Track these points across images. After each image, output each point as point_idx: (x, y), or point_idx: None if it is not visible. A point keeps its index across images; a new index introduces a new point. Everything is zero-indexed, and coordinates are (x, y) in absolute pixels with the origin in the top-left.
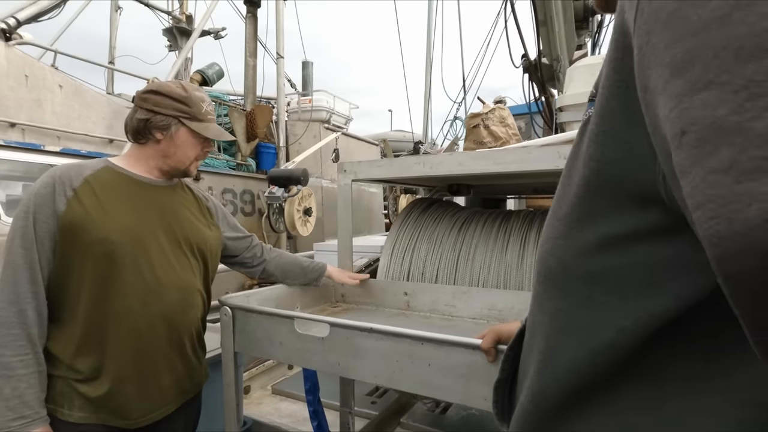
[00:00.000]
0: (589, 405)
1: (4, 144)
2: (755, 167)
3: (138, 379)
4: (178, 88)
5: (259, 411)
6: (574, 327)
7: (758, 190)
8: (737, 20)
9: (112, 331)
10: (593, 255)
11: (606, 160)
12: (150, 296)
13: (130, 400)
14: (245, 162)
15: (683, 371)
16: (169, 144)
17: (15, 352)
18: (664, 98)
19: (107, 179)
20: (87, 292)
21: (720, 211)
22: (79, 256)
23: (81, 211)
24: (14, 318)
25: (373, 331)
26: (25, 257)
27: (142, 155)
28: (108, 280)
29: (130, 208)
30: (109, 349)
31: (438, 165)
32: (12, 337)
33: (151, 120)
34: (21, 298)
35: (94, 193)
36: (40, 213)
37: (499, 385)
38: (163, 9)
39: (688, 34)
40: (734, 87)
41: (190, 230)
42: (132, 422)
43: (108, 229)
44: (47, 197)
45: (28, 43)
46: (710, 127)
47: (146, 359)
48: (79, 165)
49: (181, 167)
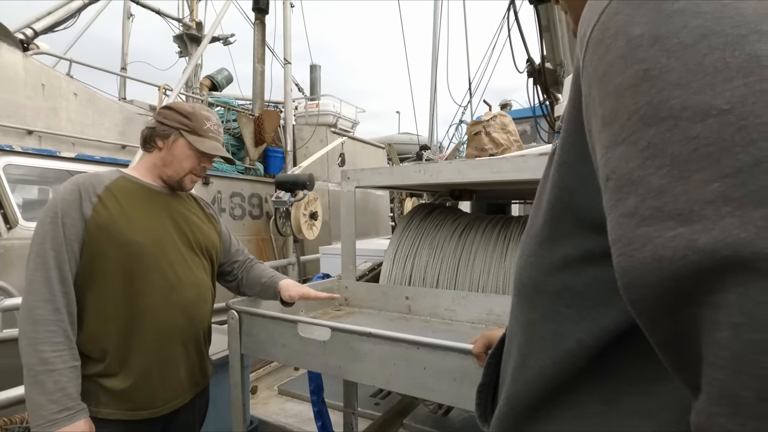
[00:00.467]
0: (556, 407)
1: (22, 151)
2: (650, 215)
3: (160, 370)
4: (188, 106)
5: (265, 411)
6: (541, 337)
7: (651, 234)
8: (643, 90)
9: (137, 326)
10: (557, 273)
11: (565, 188)
12: (171, 292)
13: (154, 390)
14: (253, 166)
15: (636, 375)
16: (167, 153)
17: (53, 348)
18: (598, 146)
19: (125, 187)
20: (113, 290)
21: (624, 249)
22: (106, 256)
23: (107, 215)
24: (50, 315)
25: (372, 335)
26: (55, 258)
27: (149, 164)
28: (133, 278)
29: (148, 213)
30: (135, 343)
31: (438, 173)
32: (49, 333)
33: (155, 129)
34: (55, 296)
35: (116, 199)
36: (68, 217)
37: (482, 389)
38: (174, 16)
39: (612, 95)
40: (640, 146)
41: (199, 233)
42: (155, 411)
43: (132, 231)
44: (74, 203)
45: (45, 53)
46: (624, 177)
47: (167, 351)
48: (97, 175)
49: (175, 177)
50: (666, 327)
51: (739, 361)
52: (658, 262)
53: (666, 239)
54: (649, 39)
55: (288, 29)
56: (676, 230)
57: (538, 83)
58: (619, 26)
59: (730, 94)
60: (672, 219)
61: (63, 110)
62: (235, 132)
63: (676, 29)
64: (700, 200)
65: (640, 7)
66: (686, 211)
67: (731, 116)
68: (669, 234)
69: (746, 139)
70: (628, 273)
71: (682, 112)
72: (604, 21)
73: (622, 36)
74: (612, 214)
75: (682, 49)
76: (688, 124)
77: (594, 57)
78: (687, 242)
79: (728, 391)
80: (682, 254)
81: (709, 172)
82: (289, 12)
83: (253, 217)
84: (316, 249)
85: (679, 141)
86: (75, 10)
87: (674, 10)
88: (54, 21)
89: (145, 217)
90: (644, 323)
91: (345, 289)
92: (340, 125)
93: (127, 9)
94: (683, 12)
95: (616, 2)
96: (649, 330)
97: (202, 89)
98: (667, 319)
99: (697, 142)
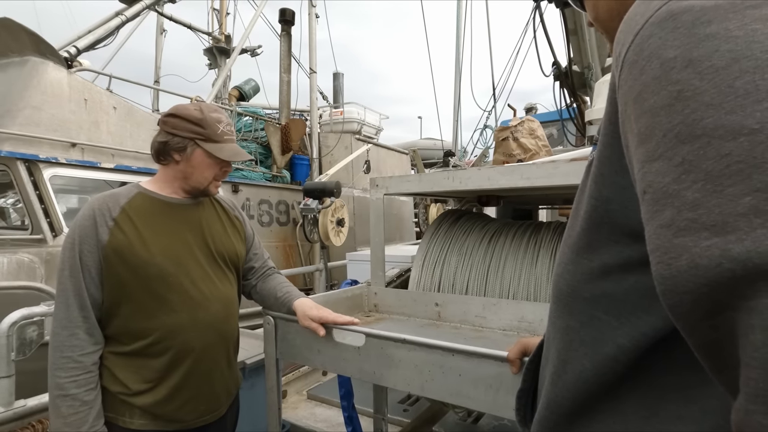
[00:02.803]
0: (596, 412)
1: (66, 162)
2: (686, 226)
3: (192, 387)
4: (195, 111)
5: (295, 415)
6: (580, 342)
7: (688, 244)
8: (677, 110)
9: (165, 345)
10: (595, 280)
11: (603, 199)
12: (198, 309)
13: (185, 405)
14: (280, 174)
15: (678, 381)
16: (186, 165)
17: (68, 374)
18: (635, 161)
19: (142, 205)
20: (137, 312)
21: (663, 258)
22: (126, 280)
23: (123, 239)
24: (66, 341)
25: (406, 342)
26: (73, 285)
27: (166, 176)
28: (157, 299)
29: (167, 230)
30: (164, 362)
31: (467, 180)
32: (65, 360)
33: (169, 142)
34: (72, 322)
35: (131, 221)
36: (85, 244)
37: (521, 394)
38: (204, 30)
39: (647, 113)
40: (675, 162)
41: (222, 244)
42: (186, 424)
43: (150, 253)
44: (90, 229)
45: (87, 70)
46: (660, 191)
47: (199, 367)
48: (114, 195)
49: (199, 187)
50: (703, 331)
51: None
52: (694, 269)
53: (702, 248)
54: (683, 62)
55: (313, 40)
56: (710, 240)
57: (564, 86)
58: (653, 49)
59: (761, 114)
60: (707, 230)
61: (104, 123)
62: (262, 141)
63: (709, 53)
64: (733, 213)
65: (674, 31)
66: (720, 222)
67: (761, 135)
68: (704, 244)
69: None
70: (667, 280)
71: (715, 131)
72: (639, 43)
73: (656, 58)
74: (650, 225)
75: (714, 72)
76: (721, 142)
77: (629, 77)
78: (721, 251)
79: (763, 390)
80: (717, 262)
81: (741, 187)
82: (315, 23)
83: (280, 224)
84: (342, 255)
85: (713, 158)
86: (114, 28)
87: (706, 34)
88: (95, 39)
89: (163, 236)
90: (683, 328)
91: (374, 295)
92: (365, 132)
93: (160, 25)
94: (715, 36)
95: (650, 26)
96: (688, 334)
97: (231, 100)
98: (704, 324)
99: (730, 159)
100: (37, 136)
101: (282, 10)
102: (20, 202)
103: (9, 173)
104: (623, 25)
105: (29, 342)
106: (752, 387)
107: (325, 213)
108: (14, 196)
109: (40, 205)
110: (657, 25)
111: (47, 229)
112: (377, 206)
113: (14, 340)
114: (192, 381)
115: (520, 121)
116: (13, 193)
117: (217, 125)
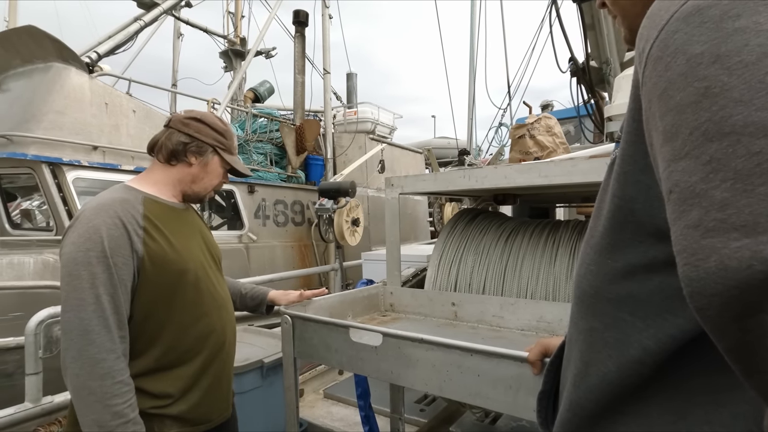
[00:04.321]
0: (620, 415)
1: (88, 165)
2: (714, 227)
3: (218, 386)
4: (219, 121)
5: (312, 414)
6: (603, 344)
7: (716, 245)
8: (705, 107)
9: (198, 349)
10: (620, 281)
11: (627, 198)
12: (221, 310)
13: (214, 404)
14: (295, 174)
15: (707, 385)
16: (200, 169)
17: (123, 399)
18: (660, 159)
19: (157, 211)
20: (172, 321)
21: (690, 259)
22: (164, 290)
23: (156, 247)
24: (115, 366)
25: (424, 341)
26: (111, 303)
27: (168, 179)
28: (192, 304)
29: (184, 235)
30: (196, 367)
31: (483, 179)
32: (119, 385)
33: (189, 144)
34: (115, 344)
35: (156, 228)
36: (119, 256)
37: (542, 395)
38: (220, 33)
39: (673, 110)
40: (703, 160)
41: (214, 247)
42: (212, 423)
43: (182, 259)
44: (121, 239)
45: (108, 74)
46: (687, 190)
47: (224, 366)
48: (125, 201)
49: (202, 193)
50: (732, 334)
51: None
52: (723, 271)
53: (731, 250)
54: (710, 57)
55: (327, 41)
56: (741, 241)
57: (582, 82)
58: (678, 44)
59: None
60: (737, 230)
61: (124, 126)
62: (277, 141)
63: (738, 48)
64: (765, 213)
65: (701, 26)
66: (751, 222)
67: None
68: (734, 245)
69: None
70: (694, 282)
71: (745, 128)
72: (664, 38)
73: (682, 54)
74: (676, 225)
75: (744, 68)
76: (751, 140)
77: (654, 73)
78: (752, 253)
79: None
80: (748, 264)
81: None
82: (328, 24)
83: (295, 224)
84: (356, 254)
85: (743, 156)
86: (133, 33)
87: (735, 28)
88: (115, 44)
89: (183, 241)
90: (711, 330)
91: (390, 294)
92: (379, 132)
93: (177, 29)
94: (744, 31)
95: (675, 21)
96: (716, 337)
97: (246, 101)
98: (733, 326)
99: (760, 157)
100: (61, 140)
101: (296, 11)
102: (45, 204)
103: (35, 176)
104: (647, 20)
105: (56, 340)
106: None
107: (340, 213)
108: (39, 198)
109: (63, 207)
110: (683, 20)
111: None
112: (392, 205)
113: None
114: (219, 380)
115: (537, 118)
116: (39, 196)
117: (234, 139)
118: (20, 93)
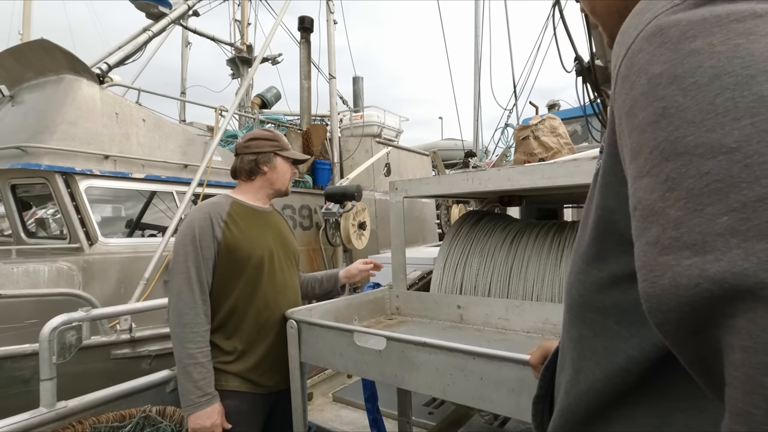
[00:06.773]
0: (609, 421)
1: (100, 174)
2: (669, 245)
3: (272, 357)
4: (266, 131)
5: (321, 417)
6: (592, 352)
7: (670, 263)
8: (662, 127)
9: (256, 321)
10: (606, 290)
11: (608, 209)
12: (279, 295)
13: (267, 371)
14: (302, 179)
15: (689, 391)
16: (273, 173)
17: (198, 345)
18: (628, 176)
19: (240, 211)
20: (239, 294)
21: (648, 276)
22: (234, 268)
23: (232, 236)
24: (194, 319)
25: (427, 345)
26: (196, 273)
27: (252, 189)
28: (256, 284)
29: (259, 231)
30: (254, 334)
31: (486, 181)
32: (194, 334)
33: (257, 159)
34: (197, 304)
35: (236, 222)
36: (204, 240)
37: (537, 400)
38: (227, 41)
39: (637, 129)
40: (660, 179)
41: (289, 244)
42: (268, 388)
43: (253, 247)
44: (207, 228)
45: (118, 84)
46: (647, 208)
47: (277, 341)
48: (217, 203)
49: (282, 188)
50: (691, 348)
51: (750, 382)
52: (675, 288)
53: (683, 268)
54: (668, 78)
55: (332, 46)
56: (691, 260)
57: (587, 81)
58: (641, 64)
59: (738, 133)
60: (688, 249)
61: (134, 135)
62: None
63: (692, 69)
64: (712, 232)
65: (661, 46)
66: (700, 241)
67: (738, 154)
68: (685, 263)
69: (751, 176)
70: (651, 298)
71: (696, 149)
72: (630, 57)
73: (644, 74)
74: (638, 242)
75: (697, 89)
76: (701, 161)
77: (622, 91)
78: (700, 271)
79: (742, 409)
80: (696, 282)
81: (719, 206)
82: (333, 29)
83: (303, 228)
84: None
85: (694, 176)
86: (142, 44)
87: (691, 50)
88: (124, 54)
89: (257, 234)
90: (671, 345)
91: (396, 298)
92: (385, 135)
93: (185, 38)
94: (699, 52)
95: (640, 40)
96: (677, 351)
97: (253, 107)
98: (691, 341)
99: (709, 178)
100: (73, 150)
101: (301, 18)
102: (59, 212)
103: (49, 186)
104: (619, 37)
105: (69, 346)
106: (733, 406)
107: (346, 216)
108: (53, 207)
109: (76, 216)
110: (646, 40)
111: (84, 238)
112: (397, 209)
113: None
114: (270, 350)
115: (540, 119)
116: (52, 205)
117: (282, 137)
118: (34, 105)
